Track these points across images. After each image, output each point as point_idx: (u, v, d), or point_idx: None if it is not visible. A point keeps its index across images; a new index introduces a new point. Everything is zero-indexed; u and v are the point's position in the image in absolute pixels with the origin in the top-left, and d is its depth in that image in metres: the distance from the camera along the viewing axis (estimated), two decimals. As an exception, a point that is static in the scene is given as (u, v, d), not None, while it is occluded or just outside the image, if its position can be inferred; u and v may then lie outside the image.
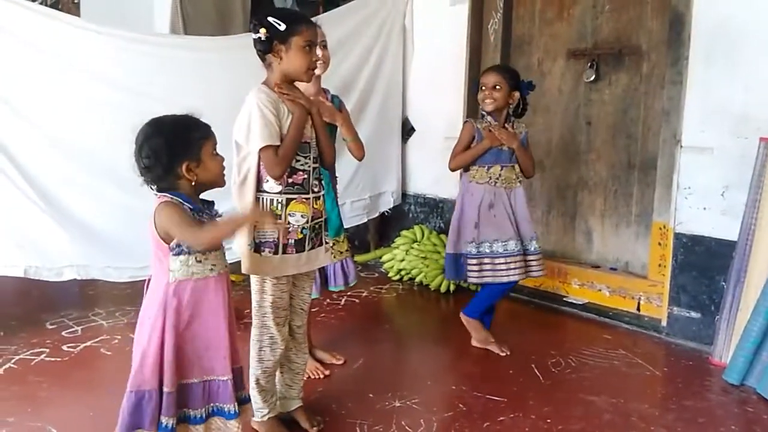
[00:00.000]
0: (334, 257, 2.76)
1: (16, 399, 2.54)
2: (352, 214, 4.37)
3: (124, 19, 4.90)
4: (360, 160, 2.83)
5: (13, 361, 2.88)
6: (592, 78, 3.74)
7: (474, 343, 3.15)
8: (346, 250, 2.86)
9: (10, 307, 3.60)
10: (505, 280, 3.02)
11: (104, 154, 3.16)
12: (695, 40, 3.17)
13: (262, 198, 2.12)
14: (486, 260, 3.01)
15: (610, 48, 3.70)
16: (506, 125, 3.05)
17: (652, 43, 3.54)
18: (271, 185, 2.11)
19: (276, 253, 2.13)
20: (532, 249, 3.06)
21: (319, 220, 2.23)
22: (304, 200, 2.15)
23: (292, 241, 2.15)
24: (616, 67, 3.70)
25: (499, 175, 3.03)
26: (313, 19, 2.22)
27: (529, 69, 4.07)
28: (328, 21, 4.06)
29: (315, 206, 2.19)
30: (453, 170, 3.15)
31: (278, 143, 2.06)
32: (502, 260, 3.00)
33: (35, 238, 3.11)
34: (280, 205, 2.12)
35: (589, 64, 3.76)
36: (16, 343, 3.06)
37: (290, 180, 2.12)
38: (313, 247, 2.21)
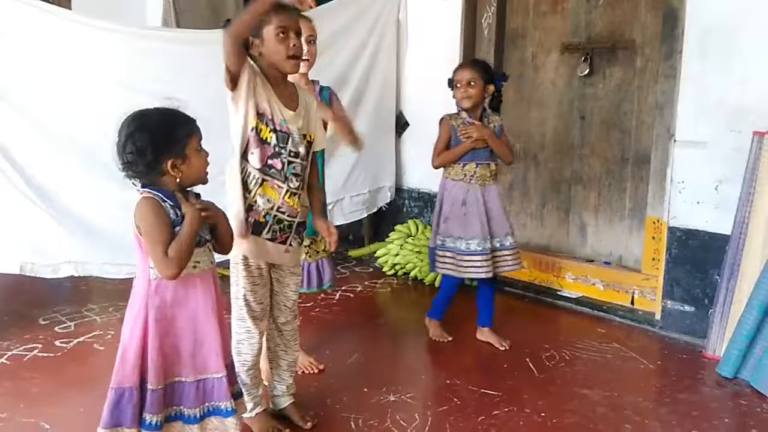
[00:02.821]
0: (310, 257, 2.72)
1: (8, 395, 2.53)
2: (352, 209, 4.37)
3: (116, 11, 4.86)
4: (359, 151, 2.78)
5: (5, 357, 2.87)
6: (586, 72, 3.74)
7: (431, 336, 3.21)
8: (324, 250, 2.80)
9: (2, 303, 3.58)
10: (467, 275, 3.06)
11: (99, 150, 3.13)
12: (689, 34, 3.17)
13: (245, 167, 2.08)
14: (449, 254, 3.06)
15: (604, 42, 3.69)
16: (483, 120, 3.06)
17: (646, 37, 3.54)
18: (254, 158, 2.07)
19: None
20: (508, 244, 3.07)
21: (291, 219, 2.15)
22: (276, 186, 2.09)
23: (252, 220, 2.09)
24: (610, 61, 3.69)
25: (474, 172, 3.04)
26: (304, 13, 2.19)
27: (523, 63, 4.07)
28: (321, 15, 4.04)
29: (286, 199, 2.11)
30: (437, 168, 3.15)
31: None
32: (466, 257, 3.01)
33: (31, 234, 3.08)
34: (254, 181, 2.08)
35: (583, 58, 3.76)
36: (9, 339, 3.04)
37: (269, 161, 2.08)
38: (272, 239, 2.13)
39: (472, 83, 2.98)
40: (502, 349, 3.09)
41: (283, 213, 2.13)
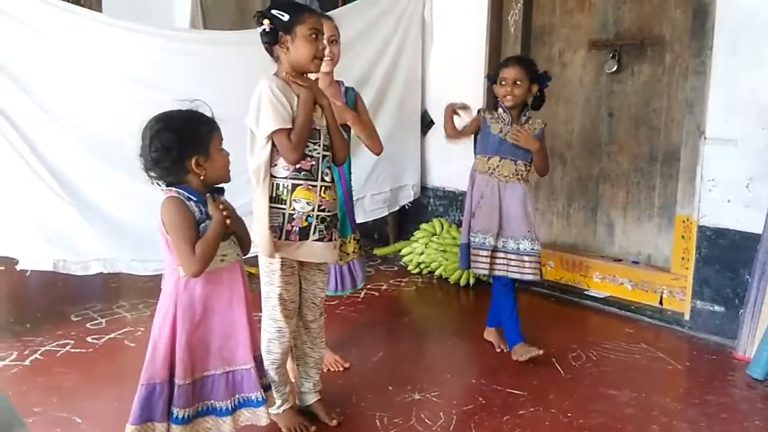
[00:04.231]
0: (340, 259, 2.69)
1: (42, 390, 2.59)
2: (373, 208, 4.37)
3: (145, 14, 4.94)
4: (377, 154, 2.77)
5: (39, 352, 2.93)
6: (614, 69, 3.69)
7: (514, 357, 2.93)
8: (353, 251, 2.78)
9: (36, 300, 3.67)
10: (475, 271, 2.99)
11: (127, 149, 3.18)
12: (719, 30, 3.12)
13: (271, 183, 2.12)
14: (475, 250, 2.96)
15: (633, 38, 3.65)
16: (521, 119, 2.93)
17: (675, 33, 3.49)
18: (277, 170, 2.12)
19: (279, 237, 2.12)
20: (529, 249, 2.90)
21: (330, 213, 2.19)
22: (310, 187, 2.13)
23: (296, 228, 2.12)
24: (638, 57, 3.64)
25: (497, 166, 2.93)
26: (329, 13, 2.21)
27: (550, 60, 4.04)
28: (346, 13, 4.06)
29: (323, 195, 2.15)
30: (448, 135, 3.00)
31: (290, 126, 2.06)
32: (480, 252, 2.93)
33: (63, 232, 3.15)
34: (285, 190, 2.11)
35: (611, 55, 3.71)
36: (42, 335, 3.11)
37: (297, 165, 2.11)
38: (320, 239, 2.16)
39: (518, 82, 2.85)
40: (498, 351, 3.03)
41: (323, 210, 2.16)
